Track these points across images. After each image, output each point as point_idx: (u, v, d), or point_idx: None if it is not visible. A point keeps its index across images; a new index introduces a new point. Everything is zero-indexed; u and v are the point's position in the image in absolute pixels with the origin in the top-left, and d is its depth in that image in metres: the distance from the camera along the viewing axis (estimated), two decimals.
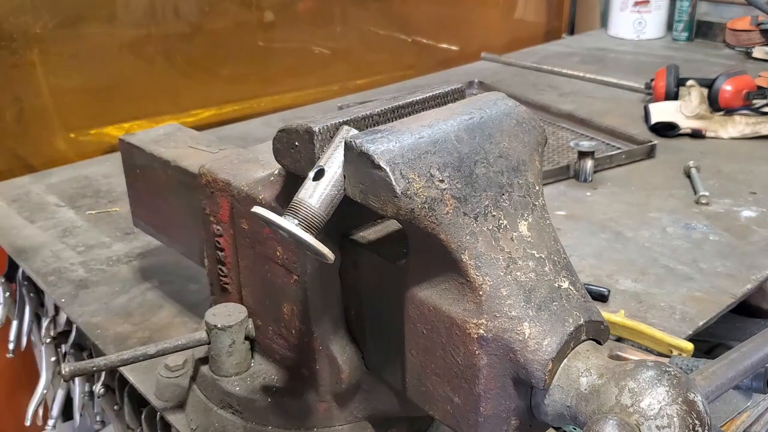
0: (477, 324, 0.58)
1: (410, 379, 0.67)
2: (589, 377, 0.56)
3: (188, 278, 1.18)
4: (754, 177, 1.51)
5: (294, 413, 0.78)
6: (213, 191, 0.80)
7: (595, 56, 2.43)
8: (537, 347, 0.56)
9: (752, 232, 1.29)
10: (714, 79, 1.73)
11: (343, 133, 0.63)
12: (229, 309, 0.81)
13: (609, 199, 1.43)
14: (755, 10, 2.12)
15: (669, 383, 0.51)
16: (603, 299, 1.09)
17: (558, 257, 0.62)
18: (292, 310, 0.75)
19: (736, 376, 0.57)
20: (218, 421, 0.82)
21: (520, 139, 0.65)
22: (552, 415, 0.58)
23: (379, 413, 0.78)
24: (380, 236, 0.71)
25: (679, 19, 2.54)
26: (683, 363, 0.87)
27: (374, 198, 0.58)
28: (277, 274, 0.75)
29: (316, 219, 0.61)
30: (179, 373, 0.88)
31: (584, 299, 0.61)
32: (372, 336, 0.73)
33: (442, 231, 0.58)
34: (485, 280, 0.58)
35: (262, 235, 0.75)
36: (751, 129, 1.71)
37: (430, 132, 0.61)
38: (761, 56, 2.27)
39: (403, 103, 0.69)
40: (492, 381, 0.59)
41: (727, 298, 1.10)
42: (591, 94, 2.06)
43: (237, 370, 0.81)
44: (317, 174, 0.62)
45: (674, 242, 1.26)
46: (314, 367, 0.76)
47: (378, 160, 0.57)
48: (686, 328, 1.03)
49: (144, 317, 1.09)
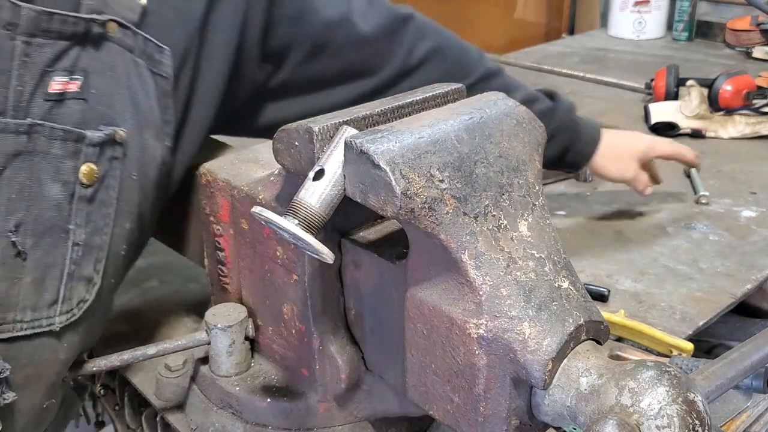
0: (477, 324, 0.58)
1: (410, 379, 0.67)
2: (589, 377, 0.56)
3: (188, 278, 1.18)
4: (754, 177, 1.51)
5: (294, 413, 0.78)
6: (213, 191, 0.80)
7: (595, 56, 2.43)
8: (537, 347, 0.56)
9: (752, 232, 1.29)
10: (714, 79, 1.73)
11: (343, 133, 0.63)
12: (229, 309, 0.81)
13: (609, 199, 1.43)
14: (755, 10, 2.12)
15: (669, 383, 0.51)
16: (603, 299, 1.09)
17: (558, 257, 0.62)
18: (292, 310, 0.75)
19: (736, 376, 0.57)
20: (218, 421, 0.82)
21: (520, 139, 0.65)
22: (552, 415, 0.58)
23: (379, 413, 0.78)
24: (380, 236, 0.71)
25: (679, 19, 2.54)
26: (683, 363, 0.87)
27: (374, 198, 0.58)
28: (277, 274, 0.75)
29: (316, 219, 0.61)
30: (179, 373, 0.88)
31: (584, 299, 0.61)
32: (372, 336, 0.73)
33: (442, 231, 0.58)
34: (485, 280, 0.58)
35: (262, 235, 0.75)
36: (751, 129, 1.71)
37: (430, 132, 0.61)
38: (761, 56, 2.27)
39: (403, 103, 0.69)
40: (492, 381, 0.59)
41: (727, 298, 1.10)
42: (591, 94, 2.06)
43: (237, 370, 0.81)
44: (317, 174, 0.62)
45: (674, 242, 1.26)
46: (314, 367, 0.76)
47: (378, 160, 0.57)
48: (686, 328, 1.03)
49: (144, 317, 1.09)
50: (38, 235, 0.70)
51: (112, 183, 0.75)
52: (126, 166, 0.76)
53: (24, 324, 0.71)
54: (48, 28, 0.69)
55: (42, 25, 0.68)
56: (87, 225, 0.74)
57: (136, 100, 0.77)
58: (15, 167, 0.68)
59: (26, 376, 0.72)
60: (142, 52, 0.77)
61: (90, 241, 0.74)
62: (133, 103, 0.77)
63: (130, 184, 0.77)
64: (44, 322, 0.72)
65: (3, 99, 0.67)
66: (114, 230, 0.76)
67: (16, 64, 0.67)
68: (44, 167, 0.70)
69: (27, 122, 0.68)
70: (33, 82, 0.68)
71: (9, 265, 0.69)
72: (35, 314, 0.72)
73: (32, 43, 0.68)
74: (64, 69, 0.70)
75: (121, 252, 0.79)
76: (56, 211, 0.71)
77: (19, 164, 0.68)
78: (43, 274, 0.71)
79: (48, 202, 0.70)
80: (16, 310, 0.70)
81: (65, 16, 0.70)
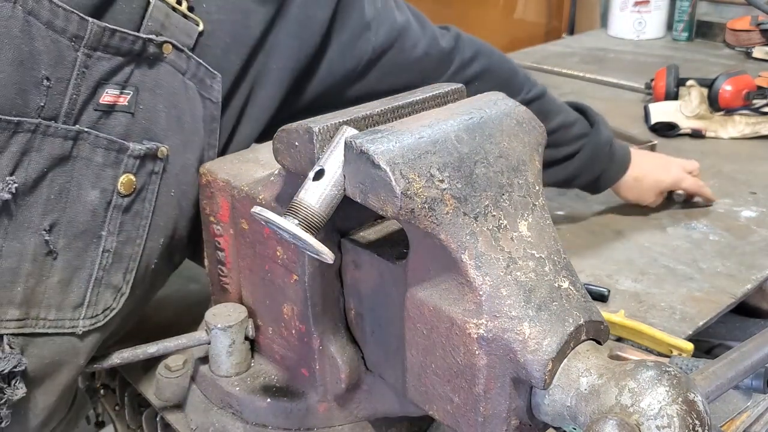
0: (477, 324, 0.58)
1: (410, 379, 0.67)
2: (589, 377, 0.56)
3: (188, 278, 1.18)
4: (754, 177, 1.51)
5: (294, 413, 0.78)
6: (213, 191, 0.80)
7: (595, 56, 2.43)
8: (537, 347, 0.56)
9: (752, 232, 1.29)
10: (714, 79, 1.73)
11: (343, 133, 0.63)
12: (229, 309, 0.81)
13: (609, 199, 1.42)
14: (755, 10, 2.12)
15: (669, 383, 0.52)
16: (603, 299, 1.09)
17: (558, 257, 0.62)
18: (292, 310, 0.75)
19: (736, 376, 0.57)
20: (218, 421, 0.82)
21: (520, 139, 0.65)
22: (552, 415, 0.58)
23: (379, 413, 0.79)
24: (380, 236, 0.71)
25: (679, 19, 2.54)
26: (683, 363, 0.87)
27: (374, 198, 0.58)
28: (277, 274, 0.75)
29: (316, 219, 0.61)
30: (179, 373, 0.88)
31: (584, 299, 0.61)
32: (372, 336, 0.73)
33: (442, 231, 0.58)
34: (485, 280, 0.58)
35: (262, 235, 0.75)
36: (751, 129, 1.71)
37: (430, 132, 0.61)
38: (761, 56, 2.27)
39: (403, 103, 0.69)
40: (492, 381, 0.59)
41: (727, 298, 1.10)
42: (591, 94, 2.06)
43: (237, 370, 0.81)
44: (317, 174, 0.62)
45: (674, 242, 1.26)
46: (314, 367, 0.76)
47: (378, 160, 0.57)
48: (686, 328, 1.03)
49: (144, 317, 1.09)
50: (70, 237, 0.73)
51: (149, 196, 0.77)
52: (165, 182, 0.79)
53: (47, 322, 0.73)
54: (109, 43, 0.72)
55: (104, 40, 0.72)
56: (120, 234, 0.76)
57: (182, 120, 0.80)
58: (58, 170, 0.71)
59: (45, 374, 0.73)
60: (193, 75, 0.80)
61: (121, 250, 0.76)
62: (178, 122, 0.79)
63: (167, 200, 0.80)
64: (67, 324, 0.74)
65: (58, 105, 0.70)
66: (147, 243, 0.79)
67: (75, 74, 0.70)
68: (85, 173, 0.72)
69: (75, 129, 0.71)
70: (87, 93, 0.71)
71: (39, 262, 0.71)
72: (59, 314, 0.73)
73: (92, 56, 0.71)
74: (117, 83, 0.74)
75: (152, 266, 0.81)
76: (91, 217, 0.73)
77: (62, 167, 0.71)
78: (71, 275, 0.73)
79: (84, 207, 0.73)
80: (40, 307, 0.72)
81: (126, 34, 0.73)
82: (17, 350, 0.69)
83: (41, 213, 0.70)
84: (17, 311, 0.70)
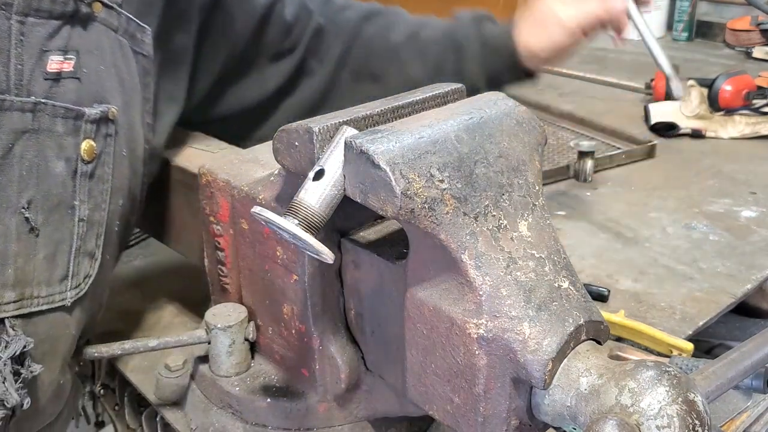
0: (477, 324, 0.58)
1: (410, 379, 0.67)
2: (589, 377, 0.56)
3: (188, 278, 1.18)
4: (754, 177, 1.51)
5: (294, 413, 0.78)
6: (213, 191, 0.80)
7: (595, 56, 2.43)
8: (537, 347, 0.56)
9: (752, 232, 1.29)
10: (714, 79, 1.73)
11: (343, 133, 0.63)
12: (229, 309, 0.81)
13: (609, 199, 1.43)
14: (755, 10, 2.12)
15: (669, 383, 0.51)
16: (603, 299, 1.09)
17: (558, 257, 0.62)
18: (292, 310, 0.75)
19: (736, 376, 0.57)
20: (218, 421, 0.82)
21: (520, 139, 0.65)
22: (552, 415, 0.58)
23: (378, 413, 0.79)
24: (380, 236, 0.71)
25: (679, 19, 2.54)
26: (683, 363, 0.87)
27: (374, 198, 0.58)
28: (277, 274, 0.75)
29: (316, 219, 0.61)
30: (179, 373, 0.88)
31: (584, 299, 0.61)
32: (372, 336, 0.73)
33: (442, 231, 0.58)
34: (485, 280, 0.58)
35: (262, 235, 0.75)
36: (751, 129, 1.71)
37: (430, 132, 0.61)
38: (761, 56, 2.27)
39: (403, 103, 0.69)
40: (492, 381, 0.59)
41: (727, 298, 1.10)
42: (591, 94, 2.06)
43: (237, 370, 0.81)
44: (317, 174, 0.62)
45: (674, 242, 1.26)
46: (314, 367, 0.76)
47: (378, 160, 0.57)
48: (686, 328, 1.03)
49: (144, 317, 1.09)
50: (47, 212, 0.73)
51: (107, 159, 0.78)
52: (117, 143, 0.79)
53: (41, 299, 0.73)
54: (39, 7, 0.72)
55: (34, 4, 0.71)
56: (89, 201, 0.76)
57: (122, 79, 0.80)
58: (23, 144, 0.70)
59: (44, 351, 0.74)
60: (125, 31, 0.81)
61: (92, 216, 0.77)
62: (119, 81, 0.80)
63: (121, 161, 0.80)
64: (57, 297, 0.75)
65: (5, 77, 0.69)
66: (110, 206, 0.79)
67: (14, 43, 0.70)
68: (49, 144, 0.72)
69: (31, 100, 0.71)
70: (32, 61, 0.71)
71: (24, 241, 0.71)
72: (49, 289, 0.74)
73: (26, 22, 0.71)
74: (58, 48, 0.73)
75: (115, 228, 0.82)
76: (62, 188, 0.74)
77: (26, 141, 0.71)
78: (54, 249, 0.74)
79: (55, 179, 0.73)
80: (32, 285, 0.72)
81: None
82: (20, 331, 0.70)
83: (17, 191, 0.70)
84: (12, 293, 0.71)
